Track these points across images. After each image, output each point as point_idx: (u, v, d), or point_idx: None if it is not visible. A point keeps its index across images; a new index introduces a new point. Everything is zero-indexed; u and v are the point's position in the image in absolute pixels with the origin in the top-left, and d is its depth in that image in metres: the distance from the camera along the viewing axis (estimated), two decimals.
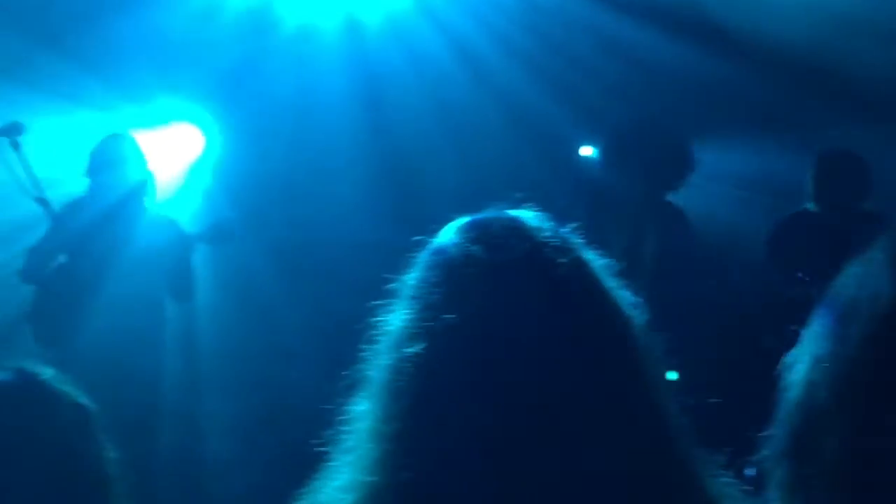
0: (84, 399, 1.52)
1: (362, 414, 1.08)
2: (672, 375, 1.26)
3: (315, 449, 1.16)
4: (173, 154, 4.95)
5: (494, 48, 5.01)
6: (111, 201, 4.17)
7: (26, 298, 4.20)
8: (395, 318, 1.11)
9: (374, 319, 1.14)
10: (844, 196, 4.10)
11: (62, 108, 4.21)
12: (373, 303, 1.17)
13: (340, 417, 1.10)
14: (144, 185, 4.33)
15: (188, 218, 4.91)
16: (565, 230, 1.18)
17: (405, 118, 5.02)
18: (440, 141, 4.97)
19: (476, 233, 1.14)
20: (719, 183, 4.81)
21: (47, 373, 1.51)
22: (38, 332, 4.13)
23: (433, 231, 1.21)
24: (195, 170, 5.11)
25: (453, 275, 1.10)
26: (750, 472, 1.06)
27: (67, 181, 4.41)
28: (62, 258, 4.20)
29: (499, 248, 1.11)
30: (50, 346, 4.04)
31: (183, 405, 4.48)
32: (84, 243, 4.10)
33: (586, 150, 5.59)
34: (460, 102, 5.04)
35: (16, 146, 3.89)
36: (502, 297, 1.08)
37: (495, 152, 4.93)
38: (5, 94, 4.09)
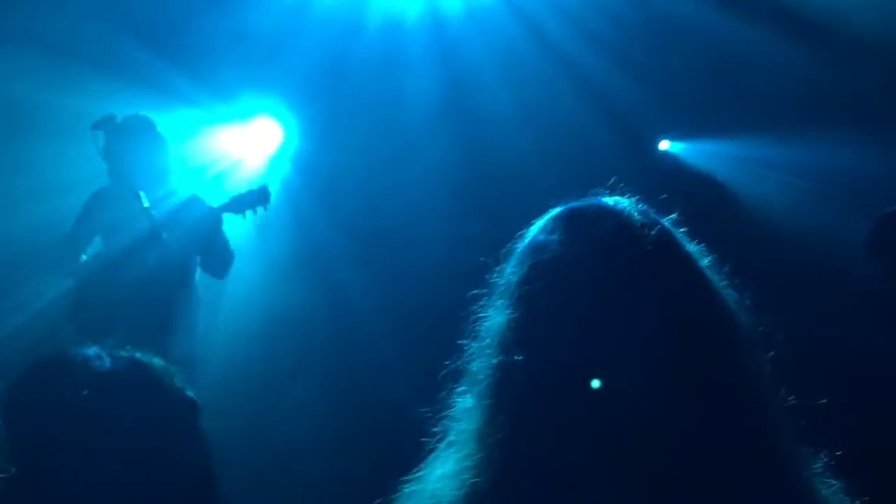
0: (192, 392, 1.50)
1: (466, 412, 1.07)
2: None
3: (410, 439, 1.16)
4: (254, 147, 5.05)
5: (578, 38, 4.96)
6: (140, 183, 4.03)
7: (65, 291, 4.12)
8: (496, 317, 1.08)
9: (472, 315, 1.13)
10: None
11: (155, 103, 4.29)
12: (468, 294, 1.16)
13: (441, 410, 1.09)
14: (169, 164, 4.21)
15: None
16: (665, 218, 1.14)
17: (488, 110, 5.01)
18: (524, 133, 4.94)
19: (577, 225, 1.10)
20: (805, 178, 4.69)
21: (158, 363, 1.50)
22: (80, 323, 4.03)
23: (527, 223, 1.19)
24: (274, 161, 5.20)
25: (558, 273, 1.06)
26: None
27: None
28: (97, 246, 4.15)
29: (603, 243, 1.08)
30: (93, 337, 4.00)
31: (264, 395, 4.56)
32: (119, 228, 4.03)
33: (664, 145, 5.51)
34: (544, 94, 5.01)
35: (112, 137, 4.01)
36: (610, 297, 1.05)
37: (579, 145, 4.87)
38: (103, 89, 4.16)
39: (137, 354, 1.50)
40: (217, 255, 4.21)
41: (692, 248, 1.13)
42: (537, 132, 5.01)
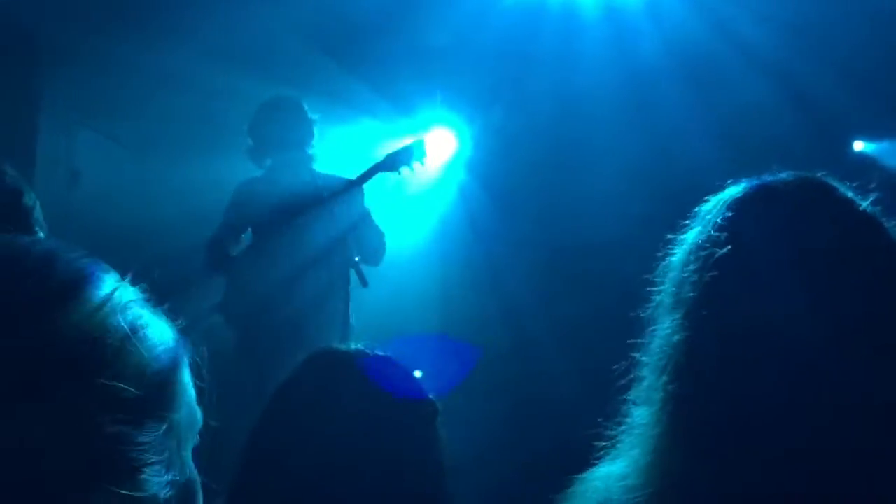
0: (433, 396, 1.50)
1: (640, 425, 1.05)
2: None
3: (574, 445, 1.16)
4: (432, 155, 5.17)
5: (765, 30, 4.73)
6: (288, 174, 3.98)
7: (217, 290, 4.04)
8: (669, 332, 1.03)
9: (644, 320, 1.11)
10: None
11: (341, 114, 4.39)
12: (640, 303, 1.14)
13: (613, 417, 1.08)
14: (313, 149, 4.10)
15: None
16: (868, 203, 1.05)
17: (668, 114, 4.87)
18: (709, 134, 4.75)
19: (774, 209, 1.02)
20: None
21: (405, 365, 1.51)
22: (230, 318, 3.96)
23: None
24: (450, 168, 5.31)
25: (734, 290, 0.98)
26: None
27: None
28: (247, 241, 4.02)
29: (805, 227, 0.99)
30: (242, 331, 3.93)
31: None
32: (266, 221, 3.91)
33: (859, 145, 5.16)
34: (728, 90, 4.81)
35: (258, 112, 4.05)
36: (806, 290, 0.96)
37: (768, 145, 4.65)
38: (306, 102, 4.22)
39: (387, 353, 1.51)
40: (367, 242, 4.01)
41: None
42: (722, 132, 4.82)
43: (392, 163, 3.91)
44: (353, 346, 1.51)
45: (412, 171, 3.96)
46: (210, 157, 4.69)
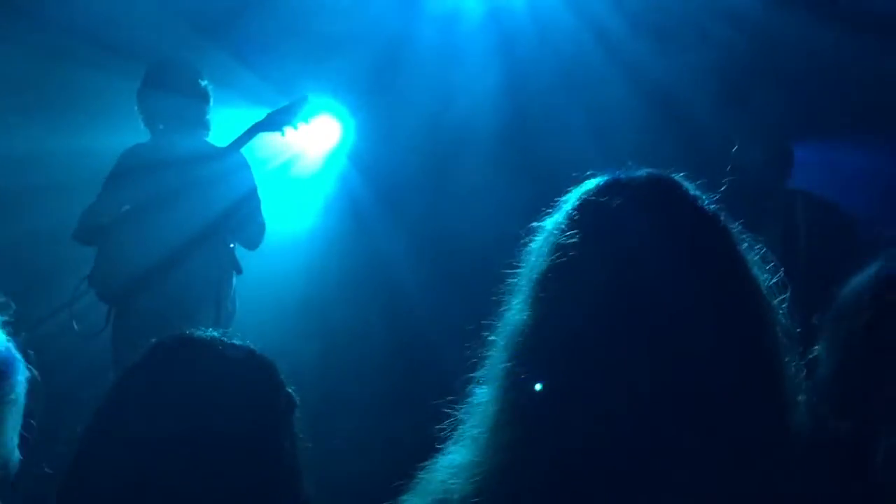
0: (291, 388, 1.48)
1: (481, 406, 1.09)
2: None
3: (433, 433, 1.19)
4: (313, 142, 5.14)
5: (640, 38, 4.91)
6: (169, 144, 3.79)
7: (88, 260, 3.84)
8: (513, 314, 1.09)
9: (497, 307, 1.15)
10: None
11: (220, 97, 4.28)
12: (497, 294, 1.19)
13: (459, 405, 1.12)
14: (206, 117, 3.91)
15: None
16: (709, 196, 1.14)
17: (547, 109, 4.99)
18: (582, 132, 4.90)
19: (591, 221, 1.09)
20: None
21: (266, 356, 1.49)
22: (100, 291, 3.78)
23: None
24: (332, 157, 5.29)
25: (571, 278, 1.05)
26: None
27: None
28: (123, 211, 3.77)
29: (641, 220, 1.05)
30: (113, 303, 3.75)
31: (314, 389, 4.62)
32: (145, 192, 3.71)
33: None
34: (601, 91, 4.97)
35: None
36: (622, 310, 1.02)
37: (638, 140, 4.81)
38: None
39: (250, 343, 1.49)
40: (246, 223, 3.83)
41: (731, 222, 1.12)
42: (598, 128, 4.98)
43: (273, 122, 3.74)
44: (208, 333, 1.48)
45: (296, 129, 3.80)
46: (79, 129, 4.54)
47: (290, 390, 1.48)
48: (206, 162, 3.75)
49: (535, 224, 1.19)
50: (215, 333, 1.49)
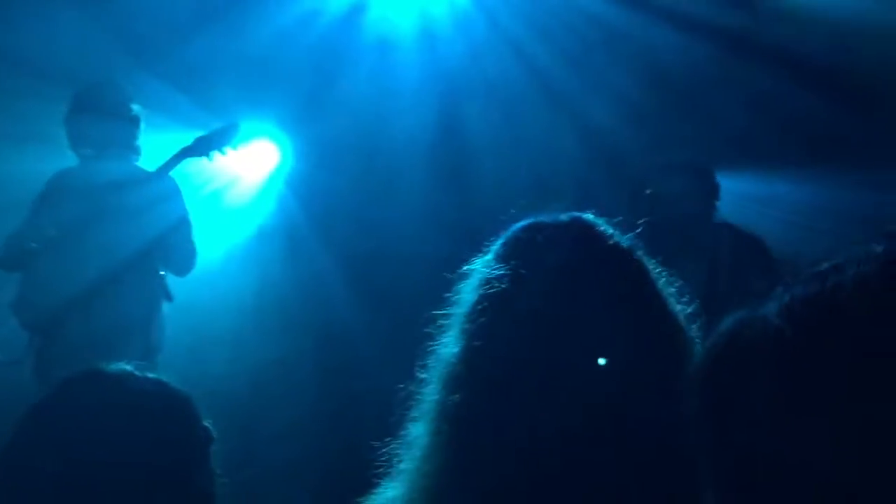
0: (208, 421, 1.48)
1: (415, 439, 1.11)
2: None
3: (371, 461, 1.21)
4: (251, 166, 5.11)
5: (564, 64, 5.03)
6: (98, 168, 3.74)
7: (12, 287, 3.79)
8: (446, 347, 1.14)
9: (431, 339, 1.18)
10: None
11: (154, 122, 4.23)
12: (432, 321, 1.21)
13: (395, 436, 1.14)
14: (136, 142, 3.87)
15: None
16: (627, 235, 1.21)
17: (479, 131, 5.07)
18: (514, 153, 4.99)
19: (521, 256, 1.14)
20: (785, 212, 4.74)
21: (181, 389, 1.49)
22: (24, 318, 3.70)
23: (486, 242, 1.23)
24: (270, 181, 5.26)
25: (499, 312, 1.10)
26: None
27: None
28: (49, 236, 3.66)
29: (561, 252, 1.13)
30: (38, 331, 3.68)
31: (249, 416, 4.56)
32: (73, 218, 3.64)
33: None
34: (532, 118, 5.07)
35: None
36: (546, 339, 1.08)
37: (572, 171, 4.91)
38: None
39: (163, 377, 1.49)
40: (176, 250, 3.78)
41: (649, 259, 1.18)
42: (527, 155, 5.07)
43: (201, 147, 3.72)
44: (120, 367, 1.47)
45: (224, 155, 3.79)
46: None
47: (206, 424, 1.47)
48: (136, 187, 3.71)
49: (465, 267, 1.23)
50: (128, 367, 1.48)
